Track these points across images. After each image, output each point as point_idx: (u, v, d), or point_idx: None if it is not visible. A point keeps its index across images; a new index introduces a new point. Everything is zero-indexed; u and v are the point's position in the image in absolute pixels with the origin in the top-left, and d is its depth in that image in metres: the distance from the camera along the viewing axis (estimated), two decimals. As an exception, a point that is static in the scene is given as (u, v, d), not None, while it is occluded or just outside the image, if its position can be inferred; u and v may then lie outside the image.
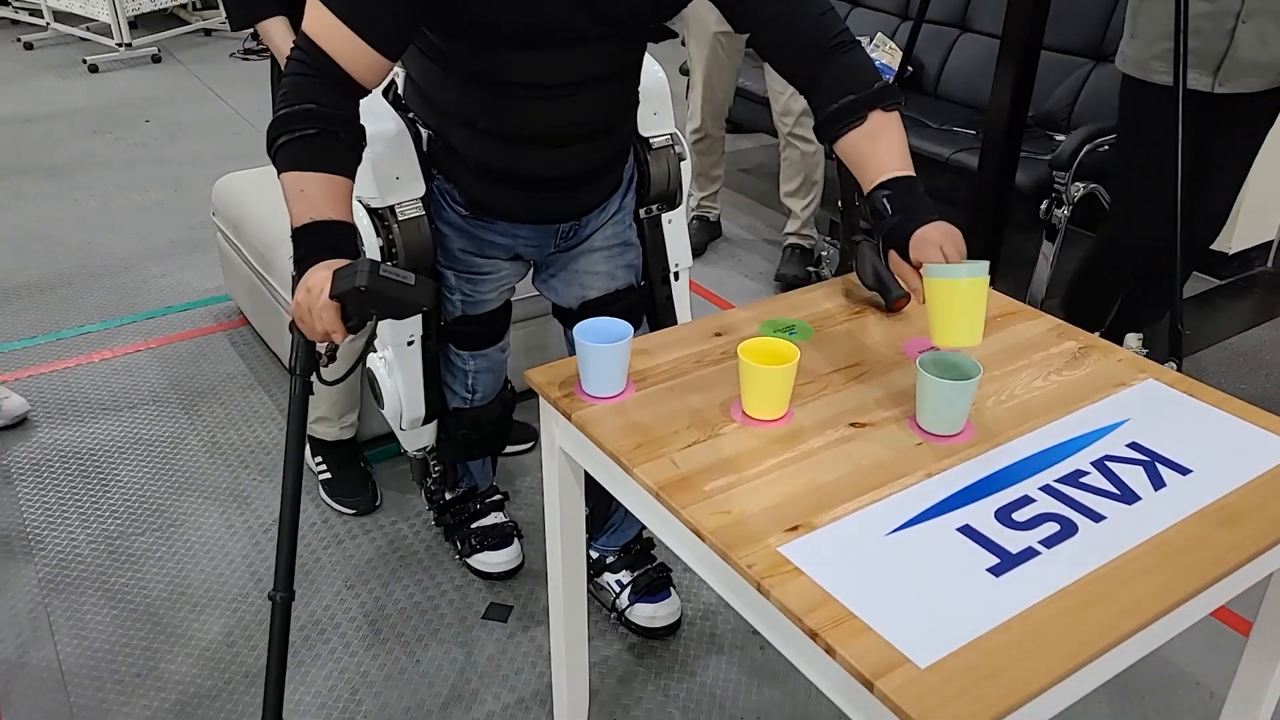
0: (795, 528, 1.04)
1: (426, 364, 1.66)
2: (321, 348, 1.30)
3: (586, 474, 1.41)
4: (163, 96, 4.84)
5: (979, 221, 2.80)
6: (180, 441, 2.34)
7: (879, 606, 0.94)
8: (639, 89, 1.53)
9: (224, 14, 6.29)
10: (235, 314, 2.86)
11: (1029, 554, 1.02)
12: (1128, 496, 1.10)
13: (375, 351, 1.72)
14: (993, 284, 1.26)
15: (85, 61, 5.22)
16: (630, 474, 1.14)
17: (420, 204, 1.52)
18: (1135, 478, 1.13)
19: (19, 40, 5.63)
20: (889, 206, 1.24)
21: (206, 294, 2.98)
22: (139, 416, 2.43)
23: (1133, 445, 1.19)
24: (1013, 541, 1.03)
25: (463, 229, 1.56)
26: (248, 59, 5.41)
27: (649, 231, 1.68)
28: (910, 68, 3.57)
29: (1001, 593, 0.97)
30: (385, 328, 1.62)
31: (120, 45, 5.38)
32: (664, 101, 1.65)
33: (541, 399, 1.29)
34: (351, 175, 1.25)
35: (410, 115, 1.52)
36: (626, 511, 1.83)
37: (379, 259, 1.42)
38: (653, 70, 1.61)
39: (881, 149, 1.28)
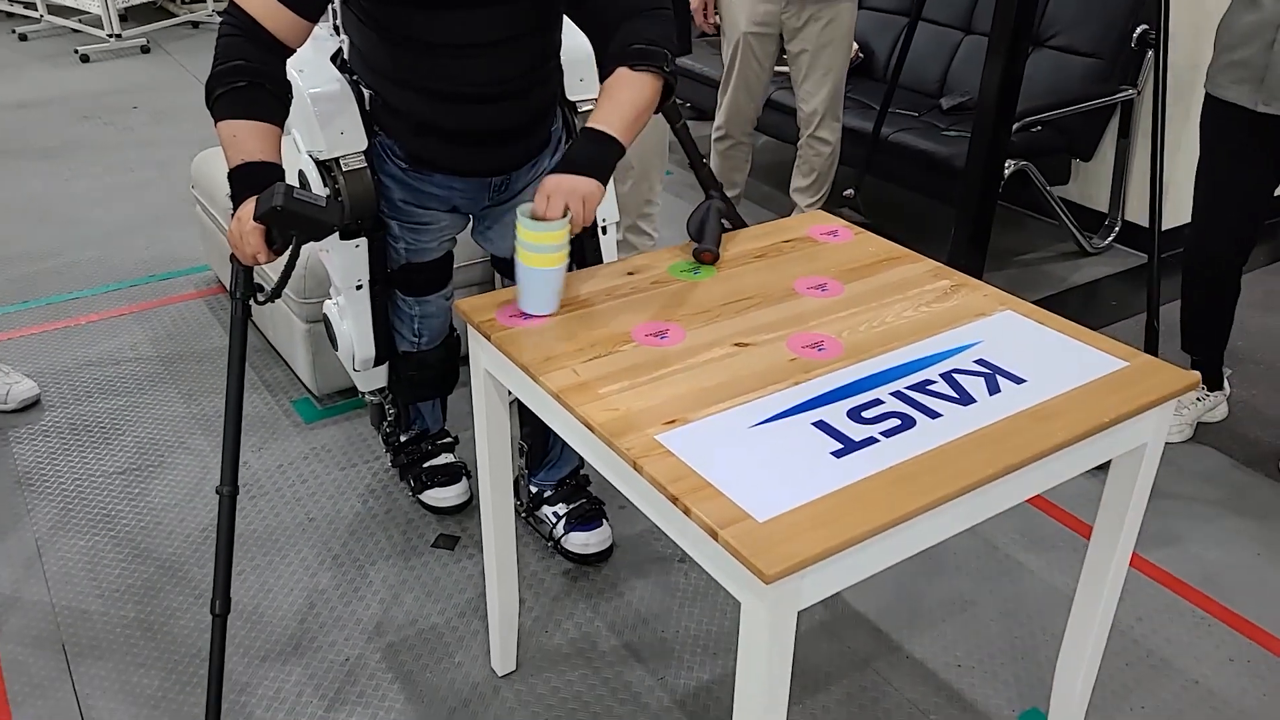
0: (672, 421, 1.21)
1: (375, 308, 1.83)
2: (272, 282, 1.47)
3: (524, 412, 1.56)
4: (151, 85, 5.00)
5: (967, 212, 2.72)
6: (160, 394, 2.50)
7: (732, 479, 1.11)
8: (560, 54, 1.70)
9: (211, 7, 6.39)
10: (214, 282, 3.03)
11: (869, 441, 1.18)
12: (965, 400, 1.27)
13: (330, 298, 1.89)
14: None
15: (77, 52, 5.38)
16: (537, 381, 1.31)
17: (363, 157, 1.69)
18: (975, 386, 1.30)
19: (14, 32, 5.79)
20: (568, 151, 1.47)
21: (187, 264, 3.14)
22: (122, 372, 2.59)
23: (979, 361, 1.35)
24: (857, 433, 1.20)
25: (403, 181, 1.73)
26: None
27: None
28: (861, 55, 3.75)
29: (839, 469, 1.13)
30: (335, 274, 1.78)
31: (110, 36, 5.54)
32: (590, 68, 1.82)
33: (469, 325, 1.45)
34: (279, 123, 1.42)
35: (353, 77, 1.69)
36: (563, 449, 2.01)
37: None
38: (577, 38, 1.77)
39: (603, 102, 1.47)
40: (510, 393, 1.52)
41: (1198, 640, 1.87)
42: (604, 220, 1.89)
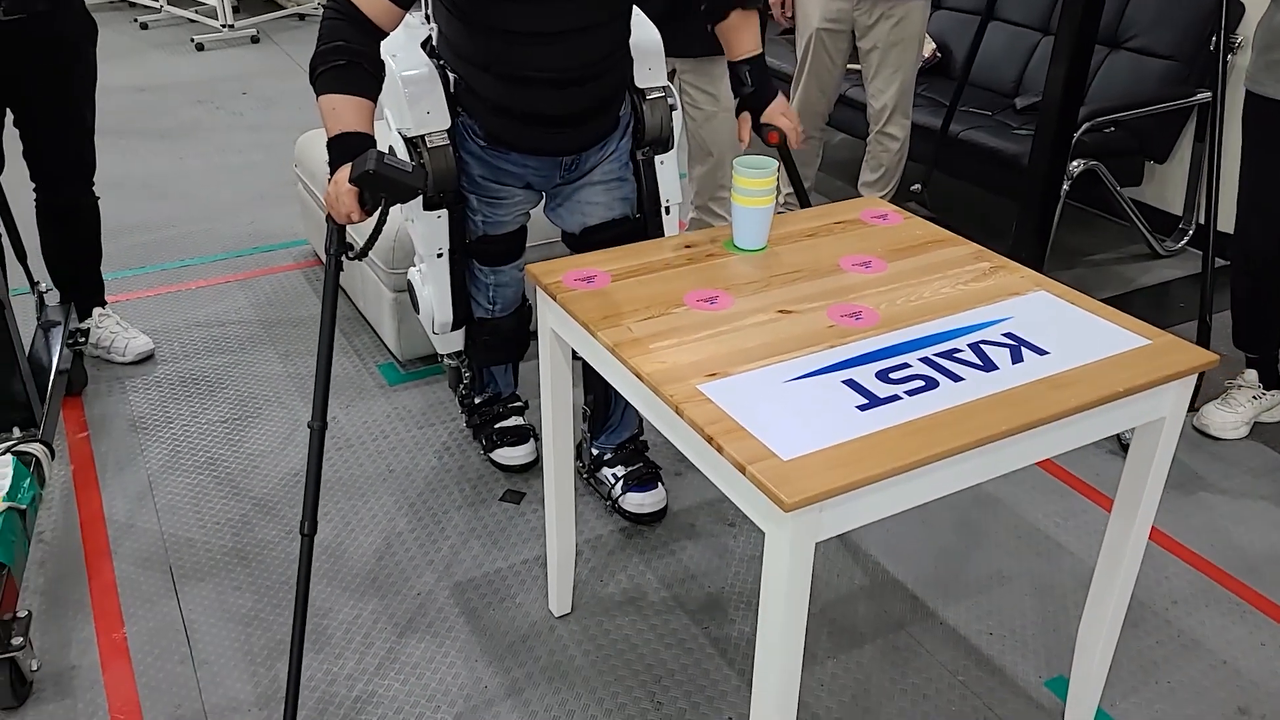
0: (713, 374, 1.34)
1: (453, 275, 1.99)
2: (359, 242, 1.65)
3: (588, 380, 1.70)
4: (259, 72, 5.31)
5: (1030, 208, 2.75)
6: (259, 354, 2.72)
7: (762, 424, 1.23)
8: (630, 42, 1.84)
9: (316, 0, 6.70)
10: (310, 256, 3.25)
11: (893, 399, 1.29)
12: (988, 366, 1.37)
13: (414, 266, 2.07)
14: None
15: (193, 40, 5.73)
16: (595, 336, 1.45)
17: (446, 135, 1.85)
18: (999, 355, 1.40)
19: (136, 21, 6.18)
20: (749, 77, 1.87)
21: (287, 238, 3.38)
22: (226, 333, 2.83)
23: (1007, 334, 1.45)
24: (883, 390, 1.31)
25: (482, 158, 1.89)
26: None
27: (644, 171, 1.98)
28: (939, 54, 3.80)
29: (862, 420, 1.25)
30: (419, 242, 1.95)
31: (224, 26, 5.89)
32: (658, 58, 1.95)
33: (537, 287, 1.60)
34: (373, 98, 1.59)
35: (440, 62, 1.86)
36: (623, 414, 2.15)
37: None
38: (646, 28, 1.91)
39: (743, 35, 1.86)
40: (574, 353, 1.67)
41: (1232, 625, 1.92)
42: (667, 201, 2.02)
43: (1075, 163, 3.02)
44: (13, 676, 1.65)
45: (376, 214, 1.55)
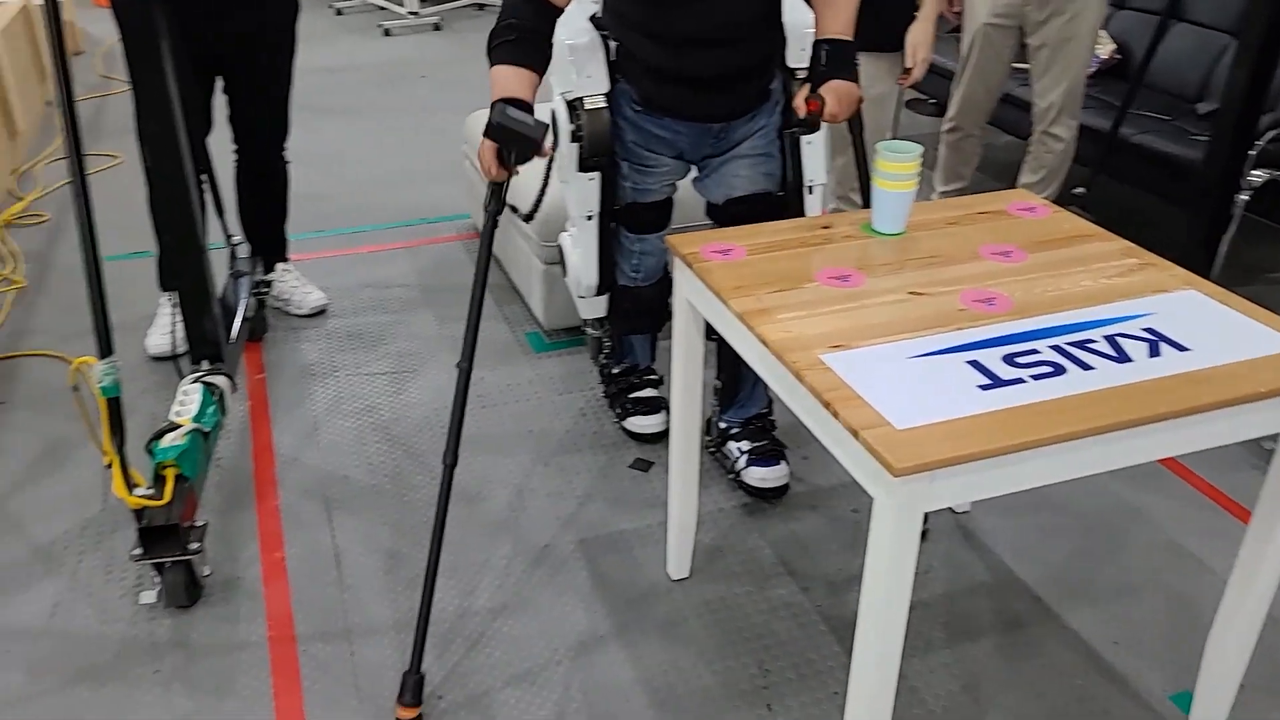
0: (837, 346, 1.37)
1: (601, 240, 2.09)
2: (523, 209, 1.77)
3: (720, 353, 1.76)
4: (438, 58, 5.61)
5: (1199, 216, 2.73)
6: (418, 316, 2.91)
7: (880, 395, 1.26)
8: (784, 22, 1.91)
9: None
10: (471, 229, 3.44)
11: (1017, 381, 1.30)
12: (1121, 359, 1.35)
13: (565, 230, 2.19)
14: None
15: (380, 26, 6.10)
16: (726, 305, 1.51)
17: (604, 99, 1.96)
18: (1136, 349, 1.37)
19: (332, 6, 6.63)
20: (824, 58, 1.82)
21: (451, 212, 3.58)
22: (390, 294, 3.03)
23: (1147, 329, 1.42)
24: (1007, 373, 1.31)
25: (636, 123, 1.98)
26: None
27: (790, 148, 2.02)
28: (1119, 55, 3.65)
29: (982, 399, 1.26)
30: (571, 204, 2.07)
31: (409, 14, 6.24)
32: (810, 40, 1.98)
33: (675, 256, 1.67)
34: (538, 70, 1.72)
35: (604, 32, 1.97)
36: (751, 390, 2.19)
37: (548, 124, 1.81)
38: (801, 10, 1.95)
39: (829, 13, 1.84)
40: (708, 333, 1.74)
41: (1386, 662, 1.81)
42: (811, 181, 2.06)
43: (1258, 173, 2.86)
44: (187, 578, 1.85)
45: (534, 177, 1.67)
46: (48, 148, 4.05)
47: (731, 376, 2.17)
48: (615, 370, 2.39)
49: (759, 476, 2.14)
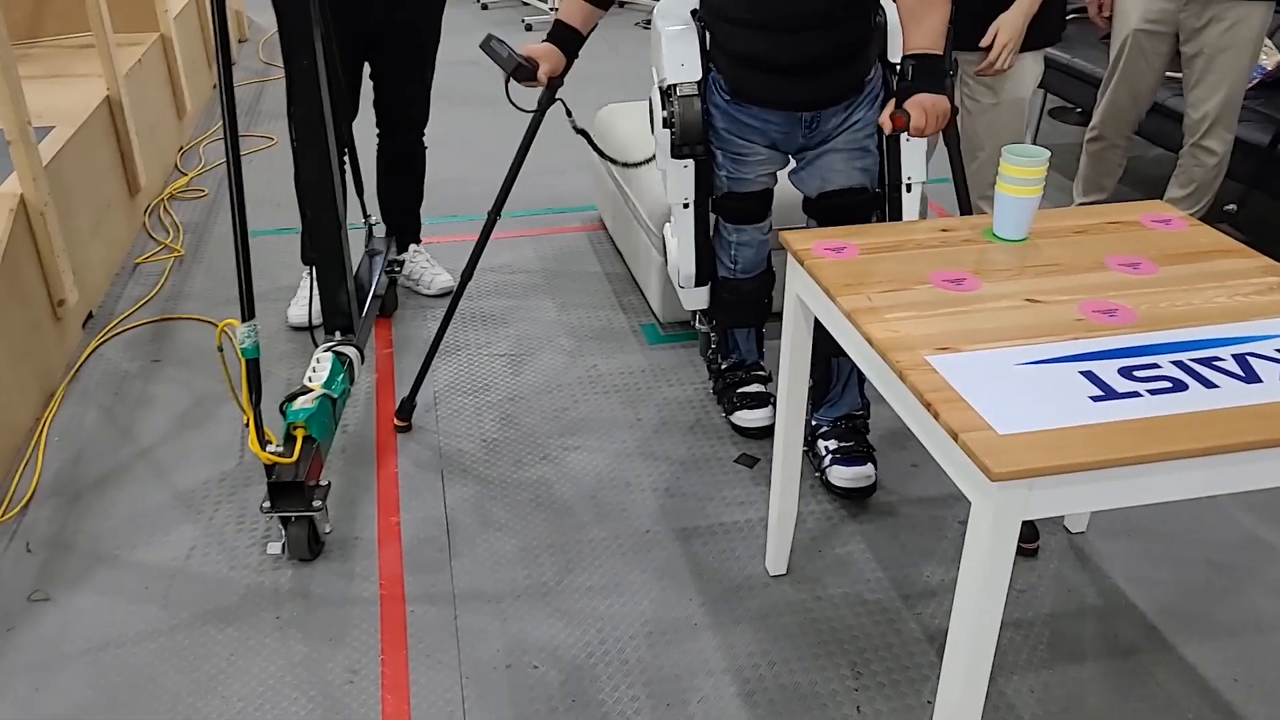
0: (944, 348, 1.36)
1: (698, 229, 2.14)
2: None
3: (814, 350, 1.77)
4: (583, 54, 5.71)
5: None
6: (539, 301, 3.00)
7: (984, 399, 1.24)
8: (883, 15, 1.91)
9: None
10: (597, 220, 3.51)
11: (1132, 395, 1.25)
12: (1250, 379, 1.29)
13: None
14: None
15: (523, 21, 6.27)
16: (834, 301, 1.51)
17: (696, 86, 2.01)
18: (1267, 370, 1.31)
19: (478, 2, 6.85)
20: (910, 73, 1.74)
21: (577, 203, 3.66)
22: (514, 279, 3.13)
23: (1281, 350, 1.35)
24: (1123, 386, 1.27)
25: (726, 111, 2.01)
26: (646, 28, 6.20)
27: (888, 145, 1.99)
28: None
29: (1092, 410, 1.22)
30: (669, 191, 2.14)
31: (551, 9, 6.39)
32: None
33: (787, 252, 1.68)
34: (600, 6, 2.06)
35: (701, 23, 2.01)
36: (843, 390, 2.18)
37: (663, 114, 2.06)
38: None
39: (914, 26, 1.75)
40: (815, 318, 1.74)
41: None
42: (909, 179, 2.02)
43: None
44: (310, 533, 1.97)
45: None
46: (211, 128, 4.33)
47: (823, 375, 2.16)
48: (723, 365, 2.40)
49: (842, 475, 2.13)
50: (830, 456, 2.16)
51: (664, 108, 2.05)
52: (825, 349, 1.83)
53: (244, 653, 1.81)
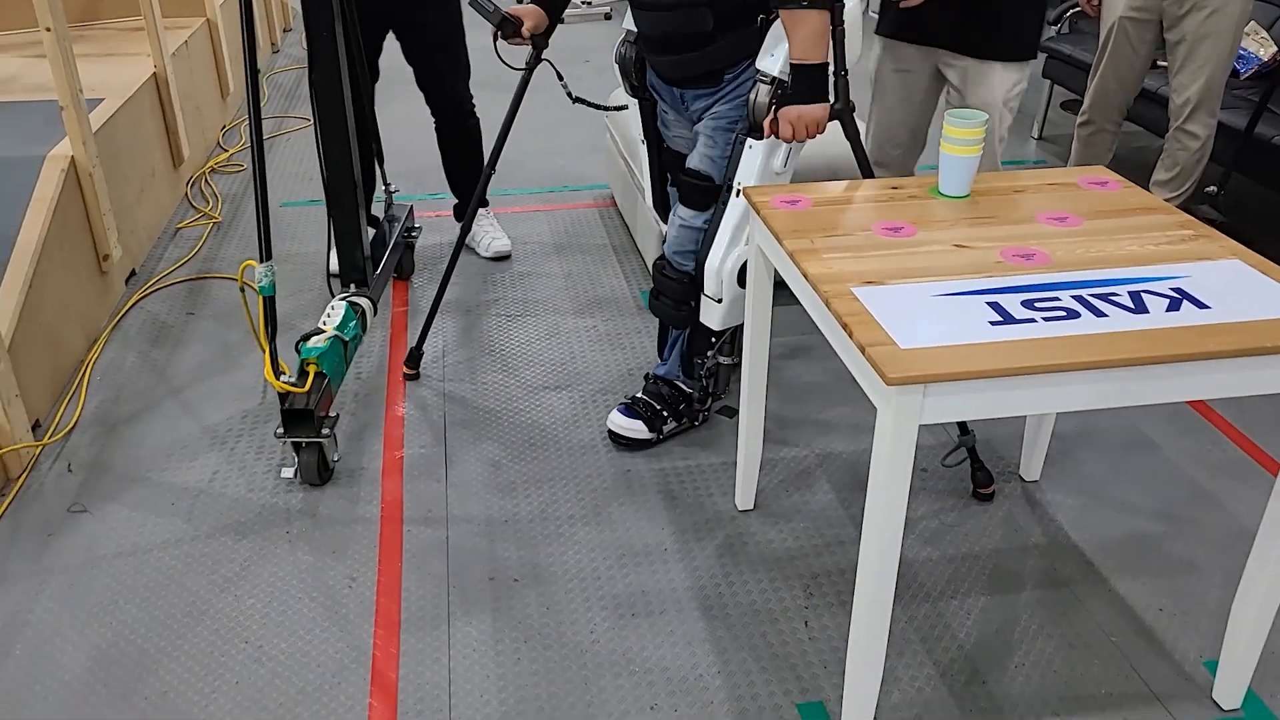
0: (870, 282, 1.52)
1: (651, 164, 2.43)
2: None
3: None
4: (602, 46, 5.88)
5: None
6: (547, 269, 3.19)
7: (895, 321, 1.40)
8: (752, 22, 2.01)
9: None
10: (608, 198, 3.70)
11: (1028, 321, 1.41)
12: (1139, 310, 1.44)
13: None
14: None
15: (555, 15, 6.50)
16: (781, 245, 1.67)
17: (630, 35, 2.32)
18: (1156, 303, 1.45)
19: (512, -4, 7.09)
20: (789, 85, 1.95)
21: (590, 181, 3.85)
22: (527, 249, 3.32)
23: (1175, 289, 1.49)
24: (1022, 314, 1.43)
25: (644, 68, 2.29)
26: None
27: (734, 149, 2.07)
28: None
29: (988, 332, 1.38)
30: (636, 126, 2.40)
31: (583, 3, 6.60)
32: (782, 47, 1.97)
33: (751, 208, 1.85)
34: None
35: None
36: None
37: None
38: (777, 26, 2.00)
39: (790, 41, 1.92)
40: (775, 271, 1.90)
41: None
42: (739, 183, 2.07)
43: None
44: (319, 459, 2.17)
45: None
46: (252, 110, 4.59)
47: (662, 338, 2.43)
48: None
49: (615, 421, 2.36)
50: (621, 404, 2.38)
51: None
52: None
53: (257, 560, 2.02)
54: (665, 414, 2.36)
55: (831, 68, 1.98)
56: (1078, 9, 3.87)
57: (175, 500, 2.19)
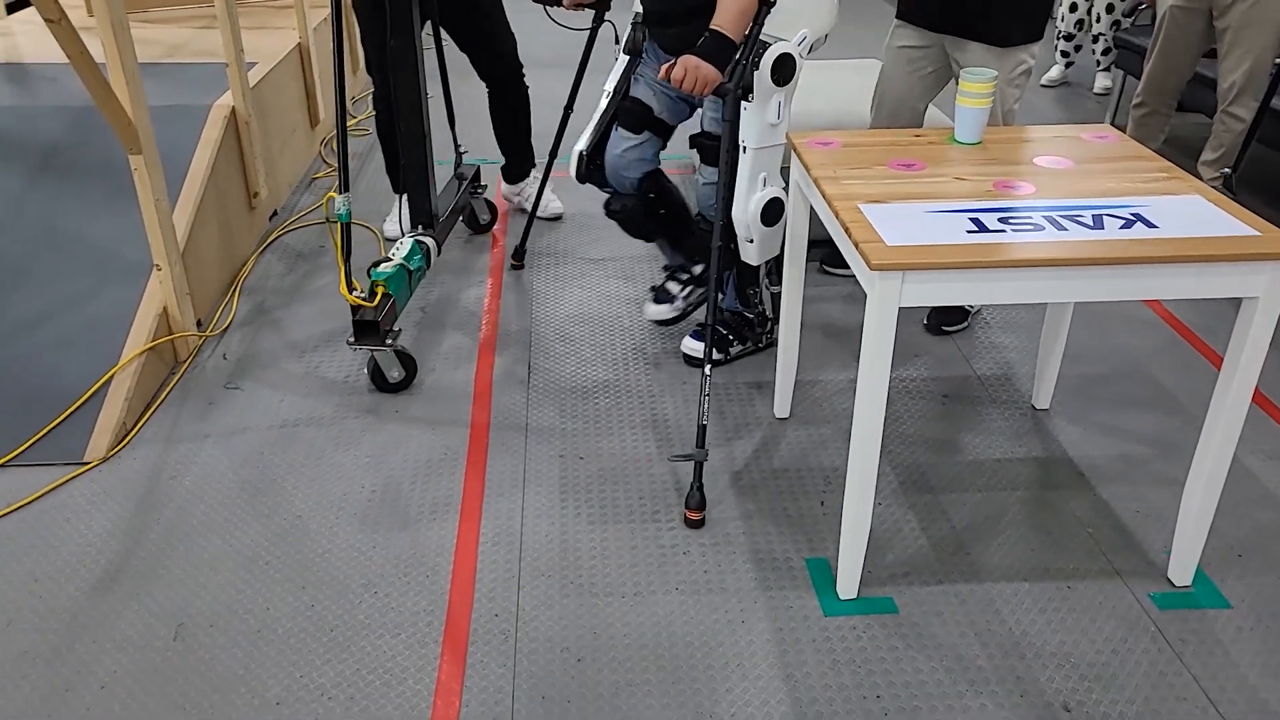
0: (875, 200, 1.85)
1: (605, 112, 2.75)
2: None
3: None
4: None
5: None
6: (600, 236, 3.57)
7: (888, 227, 1.73)
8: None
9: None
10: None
11: (999, 231, 1.73)
12: (1096, 227, 1.74)
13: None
14: None
15: None
16: (808, 173, 2.02)
17: (639, 18, 2.62)
18: (1112, 223, 1.75)
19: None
20: (701, 42, 2.17)
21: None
22: (582, 219, 3.67)
23: (1133, 214, 1.79)
24: (995, 227, 1.74)
25: (649, 50, 2.62)
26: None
27: (734, 113, 2.32)
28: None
29: (963, 238, 1.70)
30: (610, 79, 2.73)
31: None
32: (789, 20, 2.26)
33: (792, 147, 2.19)
34: None
35: None
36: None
37: None
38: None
39: (719, 11, 2.18)
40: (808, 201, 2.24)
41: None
42: (744, 141, 2.32)
43: None
44: (376, 368, 2.57)
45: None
46: (377, 83, 5.10)
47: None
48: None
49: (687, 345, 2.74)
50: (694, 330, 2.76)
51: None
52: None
53: (371, 428, 2.47)
54: (731, 338, 2.73)
55: (738, 55, 2.22)
56: (1145, 6, 4.08)
57: (308, 384, 2.65)
